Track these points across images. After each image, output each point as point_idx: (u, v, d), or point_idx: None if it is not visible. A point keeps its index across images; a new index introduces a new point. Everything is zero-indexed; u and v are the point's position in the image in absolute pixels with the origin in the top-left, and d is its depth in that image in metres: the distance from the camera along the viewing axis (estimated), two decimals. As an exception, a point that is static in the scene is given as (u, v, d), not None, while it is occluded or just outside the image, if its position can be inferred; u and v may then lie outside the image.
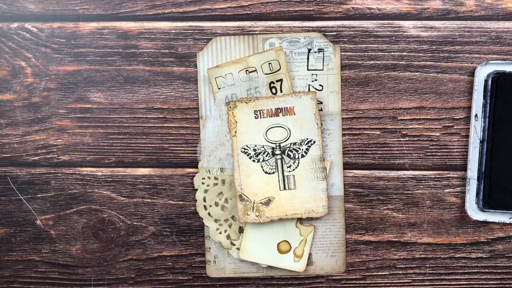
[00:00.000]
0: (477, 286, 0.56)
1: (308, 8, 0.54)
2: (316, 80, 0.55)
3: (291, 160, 0.54)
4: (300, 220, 0.56)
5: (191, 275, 0.58)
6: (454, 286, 0.57)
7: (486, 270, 0.56)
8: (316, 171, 0.54)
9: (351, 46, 0.54)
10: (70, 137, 0.57)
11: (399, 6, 0.54)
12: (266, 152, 0.54)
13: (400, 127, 0.55)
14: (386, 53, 0.54)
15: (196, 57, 0.55)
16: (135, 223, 0.57)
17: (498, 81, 0.52)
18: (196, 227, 0.57)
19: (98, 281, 0.58)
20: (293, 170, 0.54)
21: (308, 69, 0.55)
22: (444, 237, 0.56)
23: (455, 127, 0.55)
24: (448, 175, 0.55)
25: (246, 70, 0.54)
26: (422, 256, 0.56)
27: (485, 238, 0.56)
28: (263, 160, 0.54)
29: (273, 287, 0.57)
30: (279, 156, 0.54)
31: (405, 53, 0.54)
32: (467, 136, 0.55)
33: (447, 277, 0.57)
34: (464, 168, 0.55)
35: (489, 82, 0.52)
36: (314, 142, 0.54)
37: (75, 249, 0.58)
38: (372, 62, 0.54)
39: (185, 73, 0.55)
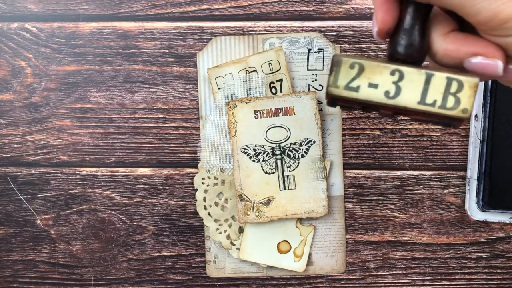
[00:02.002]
0: (477, 286, 0.56)
1: (308, 8, 0.54)
2: (316, 80, 0.55)
3: (291, 160, 0.54)
4: (300, 220, 0.56)
5: (191, 275, 0.58)
6: (454, 286, 0.57)
7: (486, 270, 0.56)
8: (316, 171, 0.54)
9: (351, 46, 0.54)
10: (70, 137, 0.57)
11: (399, 6, 0.54)
12: (266, 152, 0.54)
13: (400, 127, 0.55)
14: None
15: (196, 57, 0.55)
16: (135, 223, 0.57)
17: (498, 81, 0.52)
18: (196, 227, 0.57)
19: (98, 281, 0.58)
20: (293, 170, 0.54)
21: (308, 69, 0.55)
22: (444, 237, 0.56)
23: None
24: (448, 175, 0.55)
25: (246, 70, 0.54)
26: (422, 256, 0.56)
27: (485, 238, 0.56)
28: (263, 160, 0.54)
29: (273, 287, 0.57)
30: (279, 156, 0.54)
31: (405, 53, 0.54)
32: (467, 136, 0.55)
33: (447, 277, 0.56)
34: (464, 168, 0.55)
35: (489, 82, 0.52)
36: (314, 142, 0.54)
37: (75, 249, 0.58)
38: (372, 62, 0.54)
39: (185, 73, 0.55)
